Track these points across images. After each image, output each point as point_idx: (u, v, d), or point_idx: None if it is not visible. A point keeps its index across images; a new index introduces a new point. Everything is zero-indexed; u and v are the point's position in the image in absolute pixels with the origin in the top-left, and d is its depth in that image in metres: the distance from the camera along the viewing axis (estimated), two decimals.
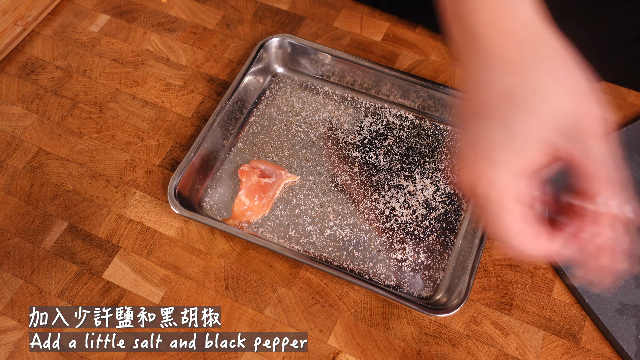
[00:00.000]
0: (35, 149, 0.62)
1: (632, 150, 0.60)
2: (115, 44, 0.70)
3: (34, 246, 0.57)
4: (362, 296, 0.54)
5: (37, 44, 0.70)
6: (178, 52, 0.69)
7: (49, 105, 0.66)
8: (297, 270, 0.55)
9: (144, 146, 0.63)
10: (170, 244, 0.57)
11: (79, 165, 0.61)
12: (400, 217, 0.57)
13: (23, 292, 0.54)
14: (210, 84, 0.67)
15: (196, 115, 0.65)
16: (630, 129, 0.62)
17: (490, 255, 0.56)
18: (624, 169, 0.38)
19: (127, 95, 0.66)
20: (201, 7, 0.73)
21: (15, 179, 0.61)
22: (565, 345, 0.52)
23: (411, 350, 0.52)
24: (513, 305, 0.54)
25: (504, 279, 0.55)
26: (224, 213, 0.58)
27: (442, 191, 0.59)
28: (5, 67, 0.68)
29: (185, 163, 0.57)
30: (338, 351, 0.52)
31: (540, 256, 0.38)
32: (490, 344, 0.52)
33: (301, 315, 0.53)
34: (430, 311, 0.50)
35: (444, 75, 0.67)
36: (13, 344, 0.52)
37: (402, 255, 0.55)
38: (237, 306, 0.54)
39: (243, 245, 0.57)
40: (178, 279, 0.55)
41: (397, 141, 0.62)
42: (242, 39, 0.70)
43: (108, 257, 0.56)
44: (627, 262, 0.38)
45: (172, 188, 0.56)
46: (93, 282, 0.55)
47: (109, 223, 0.58)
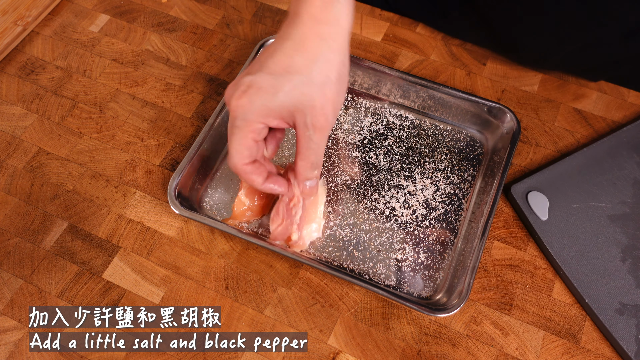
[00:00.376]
0: (35, 149, 0.62)
1: (632, 150, 0.60)
2: (115, 44, 0.70)
3: (34, 246, 0.57)
4: (362, 296, 0.54)
5: (37, 44, 0.70)
6: (178, 52, 0.69)
7: (49, 105, 0.66)
8: (297, 270, 0.55)
9: (144, 146, 0.63)
10: (170, 244, 0.57)
11: (79, 165, 0.61)
12: (400, 217, 0.57)
13: (23, 292, 0.54)
14: (210, 84, 0.67)
15: (196, 115, 0.65)
16: (630, 129, 0.62)
17: (490, 255, 0.56)
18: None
19: (127, 95, 0.66)
20: (201, 7, 0.73)
21: (15, 179, 0.61)
22: (565, 345, 0.52)
23: (411, 350, 0.52)
24: (513, 305, 0.54)
25: (504, 279, 0.55)
26: (224, 213, 0.58)
27: (442, 191, 0.59)
28: (5, 67, 0.68)
29: (185, 163, 0.57)
30: (338, 351, 0.52)
31: (246, 179, 0.47)
32: (490, 344, 0.52)
33: (301, 315, 0.53)
34: (430, 311, 0.50)
35: (444, 75, 0.67)
36: (13, 344, 0.52)
37: (402, 255, 0.55)
38: (237, 306, 0.54)
39: (243, 245, 0.57)
40: (178, 279, 0.55)
41: (397, 141, 0.62)
42: (242, 39, 0.70)
43: (108, 257, 0.56)
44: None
45: (172, 188, 0.56)
46: (93, 282, 0.55)
47: (109, 223, 0.58)
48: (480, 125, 0.62)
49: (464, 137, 0.62)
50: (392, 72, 0.62)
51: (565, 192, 0.58)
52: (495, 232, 0.57)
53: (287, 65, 0.43)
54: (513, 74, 0.67)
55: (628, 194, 0.58)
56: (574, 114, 0.65)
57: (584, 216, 0.56)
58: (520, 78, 0.67)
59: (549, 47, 0.63)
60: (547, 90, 0.66)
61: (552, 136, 0.63)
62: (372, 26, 0.71)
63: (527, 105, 0.65)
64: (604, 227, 0.56)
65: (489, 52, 0.69)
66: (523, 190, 0.58)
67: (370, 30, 0.71)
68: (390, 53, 0.69)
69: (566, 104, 0.65)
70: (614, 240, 0.55)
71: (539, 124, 0.64)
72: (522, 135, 0.63)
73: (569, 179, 0.58)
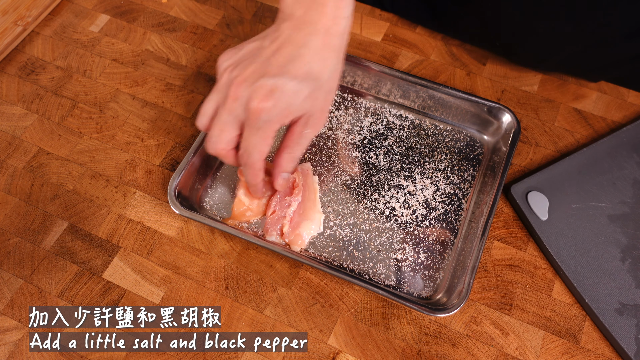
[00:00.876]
0: (36, 149, 0.62)
1: (632, 150, 0.60)
2: (115, 44, 0.70)
3: (34, 246, 0.57)
4: (362, 296, 0.54)
5: (37, 44, 0.70)
6: (178, 52, 0.69)
7: (49, 105, 0.66)
8: (297, 270, 0.55)
9: (144, 146, 0.63)
10: (170, 244, 0.57)
11: (79, 165, 0.61)
12: (400, 217, 0.57)
13: (23, 292, 0.54)
14: (211, 84, 0.67)
15: (196, 115, 0.65)
16: (630, 129, 0.62)
17: (490, 255, 0.56)
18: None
19: (127, 95, 0.66)
20: (201, 7, 0.73)
21: (15, 179, 0.61)
22: (565, 345, 0.52)
23: (411, 350, 0.52)
24: (513, 305, 0.54)
25: (504, 279, 0.55)
26: (224, 213, 0.58)
27: (442, 191, 0.59)
28: (5, 67, 0.68)
29: (185, 163, 0.57)
30: (338, 351, 0.52)
31: (257, 175, 0.50)
32: (490, 344, 0.52)
33: (301, 315, 0.53)
34: (430, 311, 0.50)
35: (444, 75, 0.67)
36: (13, 344, 0.52)
37: (402, 255, 0.55)
38: (237, 306, 0.54)
39: (243, 245, 0.57)
40: (178, 279, 0.55)
41: (397, 141, 0.62)
42: (242, 39, 0.70)
43: (108, 257, 0.56)
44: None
45: (172, 188, 0.56)
46: (93, 282, 0.55)
47: (109, 223, 0.58)
48: (480, 125, 0.62)
49: (464, 137, 0.62)
50: (392, 72, 0.62)
51: (565, 192, 0.58)
52: (495, 232, 0.57)
53: (307, 72, 0.46)
54: (513, 74, 0.67)
55: (628, 194, 0.58)
56: (574, 114, 0.65)
57: (584, 216, 0.56)
58: (520, 78, 0.67)
59: (548, 49, 0.63)
60: (547, 90, 0.66)
61: (552, 136, 0.63)
62: (372, 26, 0.71)
63: (527, 105, 0.65)
64: (604, 227, 0.56)
65: (489, 52, 0.69)
66: (523, 190, 0.58)
67: (370, 30, 0.71)
68: (390, 53, 0.69)
69: (566, 104, 0.65)
70: (614, 240, 0.55)
71: (539, 124, 0.64)
72: (522, 135, 0.63)
73: (569, 179, 0.58)
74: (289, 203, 0.56)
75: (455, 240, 0.56)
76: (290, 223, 0.55)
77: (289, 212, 0.55)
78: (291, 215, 0.55)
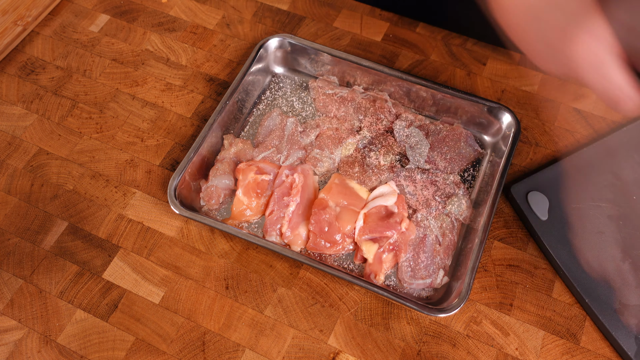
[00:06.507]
0: (35, 149, 0.62)
1: (632, 150, 0.60)
2: (115, 44, 0.70)
3: (34, 246, 0.57)
4: (362, 296, 0.54)
5: (37, 44, 0.70)
6: (178, 52, 0.69)
7: (49, 105, 0.66)
8: (297, 270, 0.55)
9: (144, 146, 0.63)
10: (170, 244, 0.57)
11: (79, 165, 0.61)
12: None
13: (23, 292, 0.54)
14: (210, 84, 0.67)
15: (196, 115, 0.65)
16: (630, 129, 0.62)
17: (490, 255, 0.56)
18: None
19: (127, 95, 0.66)
20: (201, 7, 0.73)
21: (15, 179, 0.61)
22: (565, 345, 0.52)
23: (411, 350, 0.52)
24: (513, 305, 0.54)
25: (504, 279, 0.55)
26: (224, 213, 0.58)
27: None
28: (5, 67, 0.68)
29: (185, 163, 0.57)
30: (338, 351, 0.52)
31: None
32: (490, 344, 0.52)
33: (301, 315, 0.53)
34: (430, 311, 0.50)
35: (444, 75, 0.67)
36: (13, 344, 0.52)
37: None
38: (237, 306, 0.54)
39: (243, 245, 0.57)
40: (178, 279, 0.55)
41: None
42: (242, 39, 0.70)
43: (108, 257, 0.56)
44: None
45: (172, 188, 0.56)
46: (93, 282, 0.55)
47: (109, 223, 0.58)
48: (480, 125, 0.62)
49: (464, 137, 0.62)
50: (392, 72, 0.62)
51: (565, 192, 0.58)
52: (495, 232, 0.57)
53: None
54: (513, 74, 0.67)
55: (628, 194, 0.58)
56: (574, 114, 0.65)
57: (584, 216, 0.56)
58: (520, 78, 0.67)
59: None
60: (547, 90, 0.66)
61: (552, 136, 0.63)
62: (372, 26, 0.71)
63: (527, 105, 0.65)
64: (604, 227, 0.56)
65: (489, 52, 0.69)
66: (523, 190, 0.58)
67: (370, 30, 0.71)
68: (390, 53, 0.69)
69: (566, 104, 0.65)
70: (613, 240, 0.55)
71: (539, 124, 0.64)
72: (522, 135, 0.63)
73: (569, 179, 0.58)
74: (287, 203, 0.56)
75: (455, 240, 0.56)
76: (289, 223, 0.55)
77: (287, 213, 0.55)
78: (290, 216, 0.55)
